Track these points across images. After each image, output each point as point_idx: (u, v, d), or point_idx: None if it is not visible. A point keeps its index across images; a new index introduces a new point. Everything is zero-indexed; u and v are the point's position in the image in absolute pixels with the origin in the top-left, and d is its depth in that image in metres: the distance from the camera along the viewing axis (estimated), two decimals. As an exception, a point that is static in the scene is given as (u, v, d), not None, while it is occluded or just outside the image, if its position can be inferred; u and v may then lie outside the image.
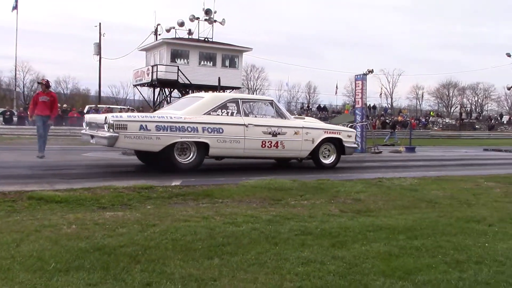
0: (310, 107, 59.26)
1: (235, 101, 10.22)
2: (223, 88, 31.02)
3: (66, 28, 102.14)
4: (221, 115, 9.88)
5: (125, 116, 9.64)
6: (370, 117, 23.35)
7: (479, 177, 9.61)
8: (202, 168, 9.95)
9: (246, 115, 10.17)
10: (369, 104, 49.90)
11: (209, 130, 9.53)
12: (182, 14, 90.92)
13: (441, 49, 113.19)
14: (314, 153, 10.99)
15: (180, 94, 33.39)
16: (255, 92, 78.15)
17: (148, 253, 3.86)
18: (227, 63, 34.43)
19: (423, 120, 51.17)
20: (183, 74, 30.83)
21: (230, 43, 35.19)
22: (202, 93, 13.18)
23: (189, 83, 31.28)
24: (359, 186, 7.65)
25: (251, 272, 3.55)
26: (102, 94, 45.91)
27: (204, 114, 9.70)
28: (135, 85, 36.46)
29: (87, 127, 10.36)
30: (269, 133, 10.17)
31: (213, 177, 8.66)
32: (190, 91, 32.73)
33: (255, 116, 10.37)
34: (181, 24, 34.01)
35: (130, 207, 5.76)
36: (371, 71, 17.32)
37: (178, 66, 31.38)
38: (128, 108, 36.67)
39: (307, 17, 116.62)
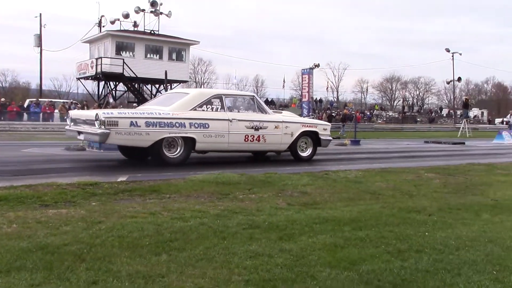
0: (257, 101, 59.38)
1: (219, 97, 10.51)
2: (170, 82, 30.70)
3: (4, 18, 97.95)
4: (206, 110, 10.16)
5: (116, 112, 9.63)
6: (316, 111, 23.70)
7: (420, 169, 9.96)
8: (151, 163, 9.84)
9: (230, 110, 10.51)
10: (316, 98, 50.68)
11: (196, 125, 9.80)
12: (127, 5, 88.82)
13: (384, 44, 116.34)
14: (292, 146, 11.37)
15: (125, 88, 32.77)
16: (202, 86, 77.72)
17: (94, 251, 3.79)
18: (174, 56, 34.04)
19: (368, 113, 52.42)
20: (129, 67, 30.24)
21: (177, 36, 34.79)
22: (186, 89, 13.75)
23: (135, 76, 30.71)
24: (306, 179, 7.77)
25: (200, 267, 3.56)
26: (43, 88, 44.55)
27: (190, 110, 9.95)
28: (78, 78, 35.41)
29: (72, 123, 10.42)
30: (252, 128, 10.53)
31: (160, 172, 8.56)
32: (136, 85, 32.20)
33: (238, 111, 10.70)
34: (126, 16, 33.35)
35: (74, 204, 5.62)
36: (317, 65, 17.61)
37: (123, 59, 30.75)
38: (72, 102, 35.66)
39: (254, 11, 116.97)
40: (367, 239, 4.46)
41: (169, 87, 31.25)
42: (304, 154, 11.64)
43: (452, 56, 52.25)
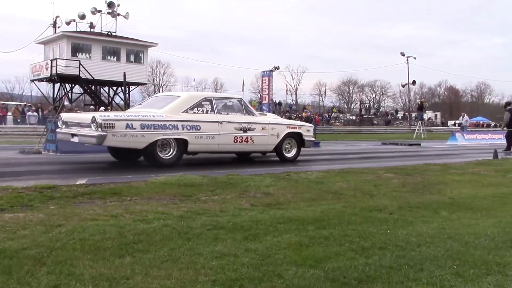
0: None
1: (209, 99, 10.94)
2: (129, 84, 30.26)
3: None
4: (197, 113, 10.53)
5: (112, 115, 9.82)
6: (276, 113, 23.84)
7: (379, 169, 10.15)
8: (111, 166, 9.66)
9: (219, 112, 10.86)
10: (275, 101, 50.93)
11: (188, 127, 10.15)
12: (83, 6, 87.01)
13: (341, 48, 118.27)
14: (278, 147, 11.82)
15: (82, 90, 32.09)
16: (161, 89, 76.95)
17: (54, 255, 3.68)
18: (132, 58, 33.60)
19: (326, 116, 53.08)
20: (85, 69, 29.65)
21: (135, 37, 34.34)
22: (177, 92, 14.10)
23: (92, 78, 30.12)
24: (268, 180, 7.78)
25: (165, 268, 3.50)
26: (-6, 90, 42.94)
27: (182, 112, 10.28)
28: (32, 80, 34.52)
29: (63, 126, 10.57)
30: (240, 129, 10.95)
31: (120, 175, 8.42)
32: (93, 87, 31.58)
33: (227, 114, 11.05)
34: (82, 17, 32.73)
35: (32, 208, 5.45)
36: (277, 68, 17.73)
37: (79, 61, 30.13)
38: (25, 105, 34.66)
39: (212, 13, 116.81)
40: (331, 238, 4.50)
41: (127, 89, 30.77)
42: (289, 155, 12.10)
43: (407, 60, 53.58)
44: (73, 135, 10.02)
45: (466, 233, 4.86)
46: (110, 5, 33.19)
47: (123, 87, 30.12)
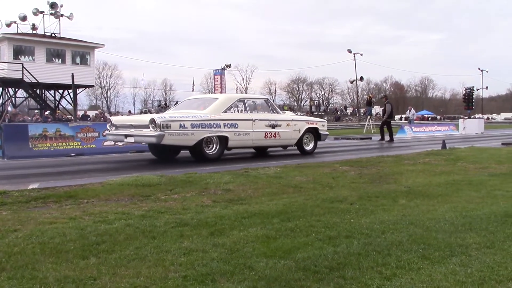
0: (167, 105, 58.69)
1: (242, 100, 12.21)
2: (76, 87, 29.41)
3: None
4: (234, 112, 11.73)
5: (167, 116, 10.78)
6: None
7: (335, 163, 10.30)
8: (63, 170, 9.36)
9: (251, 111, 12.14)
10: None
11: (228, 125, 11.37)
12: (24, 7, 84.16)
13: (289, 46, 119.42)
14: (299, 141, 13.14)
15: (26, 94, 30.99)
16: (109, 91, 75.36)
17: (14, 260, 3.52)
18: (77, 60, 32.69)
19: (277, 114, 53.22)
20: (29, 72, 28.61)
21: (80, 39, 33.46)
22: (213, 94, 15.84)
23: (36, 82, 29.10)
24: (227, 177, 7.74)
25: (133, 267, 3.41)
26: None
27: (222, 112, 11.48)
28: (-29, 85, 32.99)
29: (113, 128, 11.51)
30: (270, 126, 12.24)
31: (75, 178, 8.16)
32: (38, 91, 30.55)
33: (257, 112, 12.35)
34: (24, 18, 31.59)
35: (-17, 214, 5.19)
36: (229, 66, 17.76)
37: (22, 64, 29.02)
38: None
39: (158, 14, 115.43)
40: (297, 229, 4.52)
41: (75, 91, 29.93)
42: (308, 148, 13.45)
43: (354, 56, 54.63)
44: (126, 136, 10.98)
45: (426, 219, 4.99)
46: (53, 5, 32.19)
47: (70, 90, 29.25)
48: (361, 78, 54.18)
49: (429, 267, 3.47)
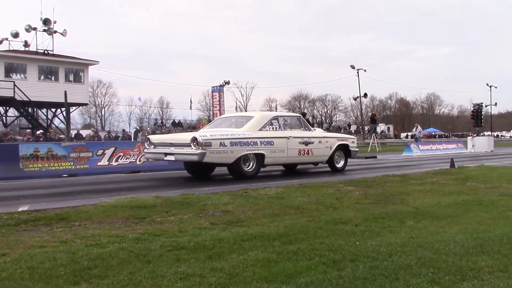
0: (164, 123, 58.83)
1: (276, 118, 12.99)
2: (69, 105, 29.51)
3: None
4: (269, 130, 12.42)
5: (209, 135, 11.32)
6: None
7: (338, 182, 10.27)
8: (52, 192, 9.32)
9: (285, 129, 12.82)
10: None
11: (264, 143, 12.00)
12: (16, 24, 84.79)
13: (290, 62, 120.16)
14: (330, 158, 13.83)
15: (18, 113, 31.07)
16: (103, 109, 75.61)
17: (1, 286, 3.47)
18: (71, 78, 32.83)
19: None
20: (21, 90, 28.70)
21: (73, 56, 33.64)
22: (248, 112, 16.81)
23: (28, 100, 29.18)
24: (226, 198, 7.71)
25: (126, 293, 3.36)
26: None
27: (258, 130, 12.13)
28: (-38, 104, 33.07)
29: (151, 146, 12.26)
30: (303, 143, 12.93)
31: (66, 200, 8.12)
32: (29, 109, 30.64)
33: (291, 130, 12.99)
34: (16, 35, 31.81)
35: (-30, 238, 5.14)
36: (227, 82, 17.77)
37: (14, 82, 29.12)
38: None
39: (154, 30, 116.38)
40: (300, 252, 4.47)
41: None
42: (339, 165, 14.13)
43: (357, 72, 54.83)
44: (166, 154, 11.66)
45: (435, 241, 4.94)
46: (46, 22, 32.44)
47: (63, 109, 29.31)
48: (365, 95, 54.29)
49: (439, 292, 3.42)
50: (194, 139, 10.95)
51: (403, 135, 72.24)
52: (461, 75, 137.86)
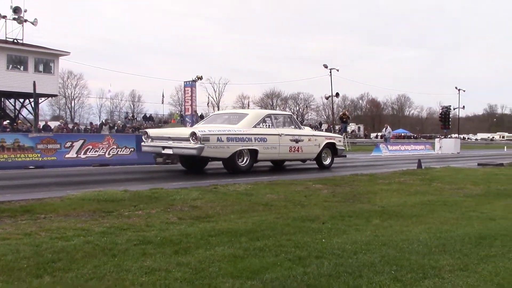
0: (135, 117, 58.23)
1: (269, 116, 13.53)
2: (38, 96, 28.95)
3: None
4: (263, 127, 12.96)
5: (207, 130, 11.81)
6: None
7: (307, 180, 10.34)
8: (19, 184, 9.15)
9: (278, 126, 13.35)
10: (198, 113, 50.64)
11: (258, 139, 12.48)
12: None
13: (263, 60, 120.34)
14: (318, 156, 14.36)
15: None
16: (73, 101, 74.51)
17: (-39, 278, 3.40)
18: (41, 68, 32.19)
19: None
20: (-12, 80, 28.02)
21: (44, 46, 33.01)
22: (242, 110, 17.45)
23: (-5, 90, 28.54)
24: (195, 194, 7.68)
25: (90, 287, 3.36)
26: None
27: (252, 127, 12.64)
28: None
29: (149, 140, 12.65)
30: (294, 140, 13.40)
31: (32, 192, 7.98)
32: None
33: (283, 127, 13.54)
34: (-17, 23, 30.97)
35: None
36: (200, 78, 17.64)
37: (-20, 70, 28.42)
38: None
39: (126, 22, 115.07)
40: (266, 249, 4.50)
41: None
42: (326, 162, 14.70)
43: (330, 72, 55.09)
44: (164, 147, 12.13)
45: (400, 240, 5.04)
46: (16, 10, 31.71)
47: (31, 99, 28.75)
48: (337, 94, 54.40)
49: (401, 289, 3.49)
50: (193, 134, 11.36)
51: (373, 135, 73.06)
52: (431, 78, 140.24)
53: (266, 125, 13.10)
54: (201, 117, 55.06)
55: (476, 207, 7.52)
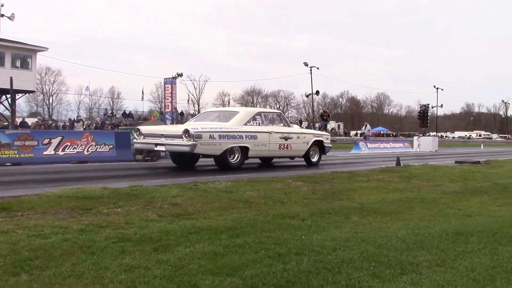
0: (114, 113, 57.73)
1: (259, 114, 13.79)
2: (15, 92, 28.52)
3: None
4: (254, 125, 13.15)
5: (200, 128, 12.00)
6: (179, 124, 23.51)
7: (288, 178, 10.36)
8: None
9: (268, 124, 13.57)
10: (178, 110, 50.37)
11: (249, 137, 12.72)
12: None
13: (244, 57, 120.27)
14: (306, 153, 14.62)
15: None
16: (51, 98, 73.61)
17: None
18: (18, 64, 31.69)
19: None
20: (-37, 75, 27.51)
21: (22, 41, 32.52)
22: (233, 107, 16.70)
23: (-30, 85, 28.02)
24: (175, 191, 7.66)
25: (68, 285, 3.32)
26: None
27: (243, 124, 12.87)
28: None
29: (141, 137, 12.79)
30: (283, 138, 13.65)
31: (9, 190, 7.87)
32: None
33: (273, 125, 13.75)
34: (-41, 17, 30.41)
35: None
36: (180, 75, 17.57)
37: (-45, 66, 27.89)
38: None
39: (105, 18, 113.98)
40: (246, 246, 4.51)
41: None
42: (314, 159, 14.97)
43: (310, 70, 55.36)
44: (157, 144, 12.34)
45: (378, 236, 5.09)
46: (-7, 5, 31.21)
47: (8, 95, 28.30)
48: (317, 92, 54.90)
49: (379, 285, 3.53)
50: (186, 131, 11.57)
51: (352, 133, 73.49)
52: (410, 77, 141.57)
53: (256, 122, 13.31)
54: (181, 114, 54.98)
55: (453, 204, 7.63)
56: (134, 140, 13.24)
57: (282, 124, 14.23)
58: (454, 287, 3.57)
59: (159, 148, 12.53)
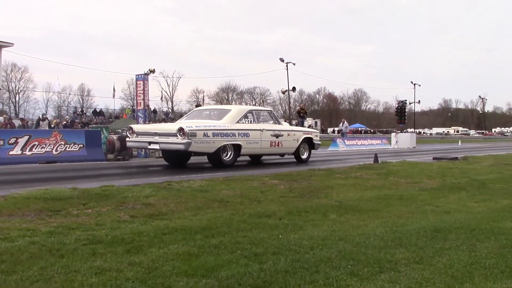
0: (84, 112, 57.05)
1: (251, 112, 14.31)
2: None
3: None
4: (246, 123, 13.60)
5: (194, 126, 12.29)
6: (151, 122, 23.34)
7: (264, 176, 10.38)
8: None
9: (259, 122, 14.05)
10: (151, 108, 49.97)
11: (242, 135, 13.14)
12: None
13: (218, 53, 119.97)
14: (296, 150, 15.14)
15: None
16: (17, 95, 72.42)
17: None
18: (-19, 60, 31.05)
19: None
20: None
21: (-15, 36, 31.86)
22: (226, 106, 17.84)
23: None
24: (148, 191, 7.60)
25: (36, 289, 3.25)
26: None
27: (236, 122, 13.26)
28: None
29: (134, 135, 13.02)
30: (274, 135, 14.15)
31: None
32: None
33: (264, 123, 14.22)
34: None
35: None
36: (152, 71, 17.40)
37: None
38: None
39: (74, 13, 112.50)
40: (222, 246, 4.50)
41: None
42: (304, 156, 15.48)
43: (287, 66, 55.45)
44: (150, 143, 12.60)
45: (356, 234, 5.13)
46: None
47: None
48: (294, 89, 54.97)
49: (357, 284, 3.55)
50: (181, 129, 11.87)
51: (330, 129, 74.07)
52: (387, 73, 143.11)
53: (248, 120, 13.76)
54: (154, 112, 54.62)
55: (431, 201, 7.73)
56: (127, 139, 13.40)
57: (272, 122, 14.67)
58: (432, 284, 3.61)
59: (152, 146, 12.74)
